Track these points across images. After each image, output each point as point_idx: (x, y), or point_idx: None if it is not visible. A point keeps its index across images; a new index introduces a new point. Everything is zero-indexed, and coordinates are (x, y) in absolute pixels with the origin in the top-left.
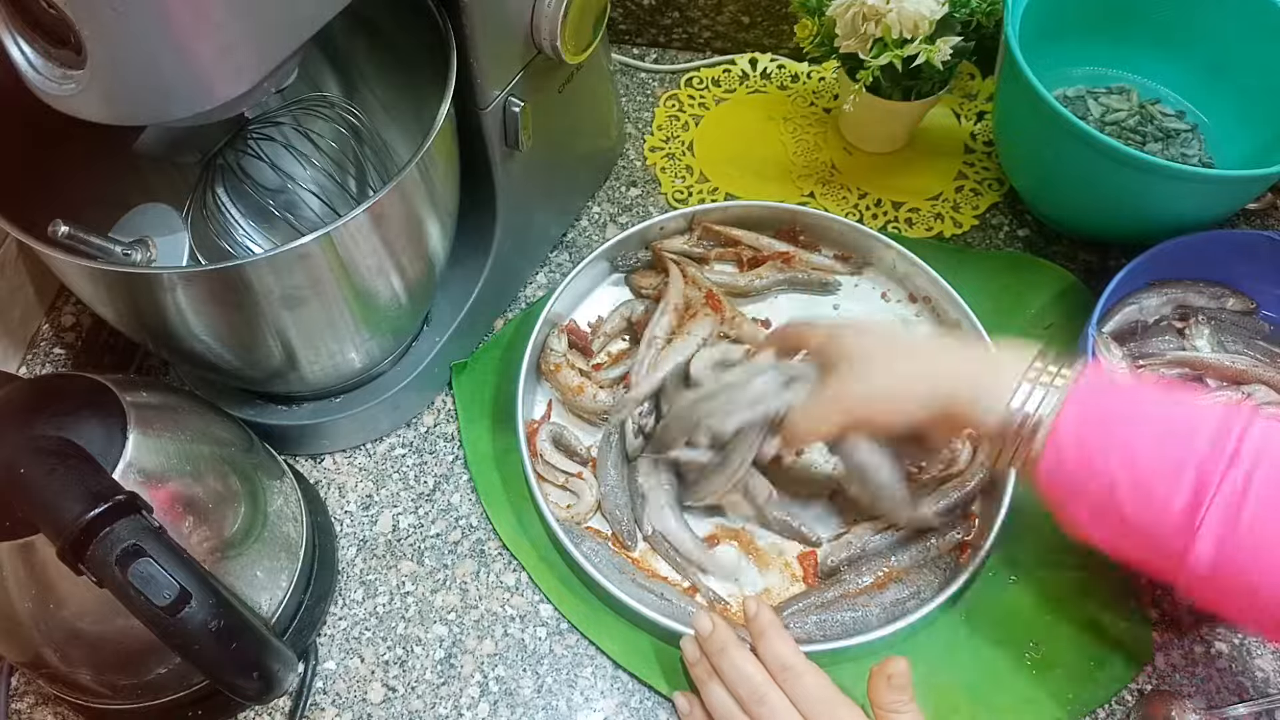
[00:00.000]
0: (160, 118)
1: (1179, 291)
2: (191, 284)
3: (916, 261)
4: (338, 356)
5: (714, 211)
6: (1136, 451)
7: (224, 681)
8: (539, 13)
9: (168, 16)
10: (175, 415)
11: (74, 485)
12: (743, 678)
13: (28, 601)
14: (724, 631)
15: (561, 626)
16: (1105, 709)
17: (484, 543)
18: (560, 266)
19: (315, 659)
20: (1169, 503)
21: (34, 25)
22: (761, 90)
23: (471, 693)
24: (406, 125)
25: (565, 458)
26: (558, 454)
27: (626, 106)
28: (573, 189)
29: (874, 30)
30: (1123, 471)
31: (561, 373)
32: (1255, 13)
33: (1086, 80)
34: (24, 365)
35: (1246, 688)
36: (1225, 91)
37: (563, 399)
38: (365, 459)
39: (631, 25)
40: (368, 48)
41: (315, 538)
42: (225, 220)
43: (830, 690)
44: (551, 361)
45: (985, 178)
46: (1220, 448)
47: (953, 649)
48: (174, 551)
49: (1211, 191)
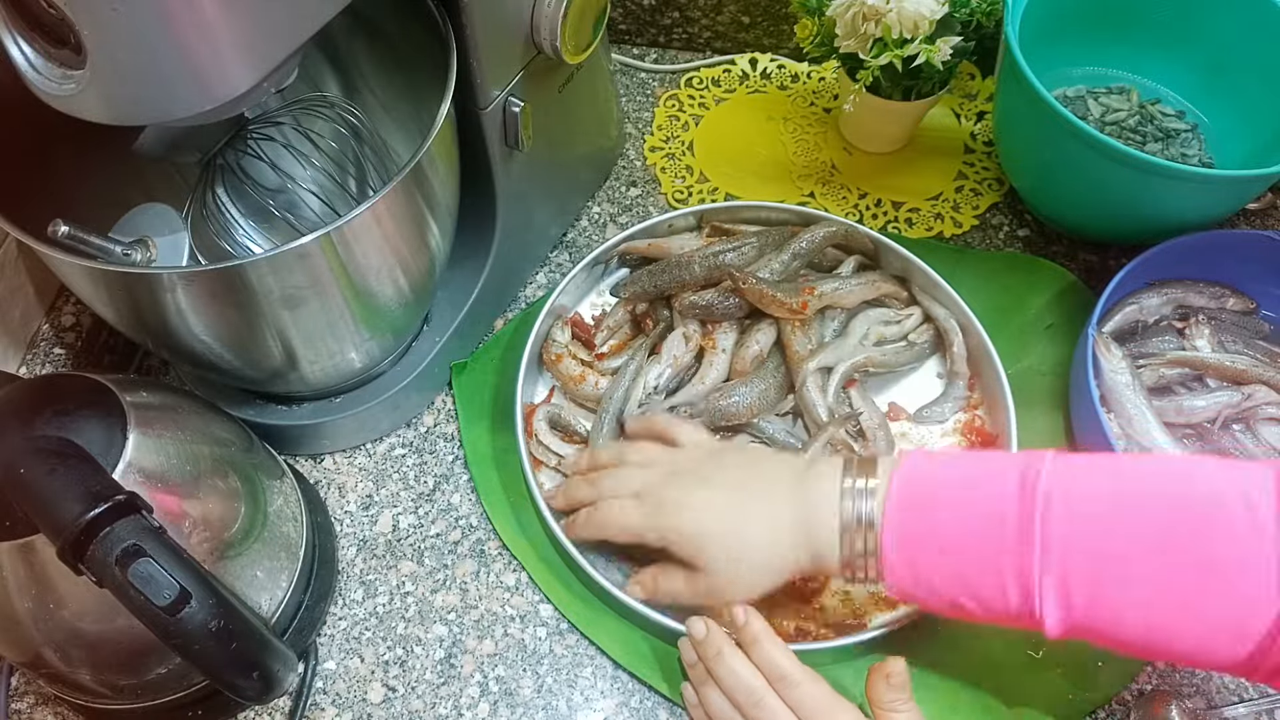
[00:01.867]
0: (160, 118)
1: (1179, 291)
2: (191, 284)
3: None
4: (338, 356)
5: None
6: (958, 566)
7: (224, 681)
8: (539, 13)
9: (168, 16)
10: (175, 415)
11: (74, 485)
12: (739, 683)
13: (28, 601)
14: (718, 636)
15: (561, 626)
16: (1105, 709)
17: (484, 543)
18: (560, 266)
19: (315, 659)
20: (1007, 607)
21: (34, 25)
22: (761, 90)
23: (471, 693)
24: (406, 125)
25: (561, 440)
26: (553, 435)
27: (626, 106)
28: (573, 189)
29: (874, 30)
30: (955, 588)
31: (563, 363)
32: (1255, 13)
33: (1086, 80)
34: (24, 365)
35: (1246, 688)
36: (1225, 91)
37: (564, 388)
38: (365, 459)
39: (631, 25)
40: (368, 48)
41: (315, 538)
42: (225, 220)
43: (828, 694)
44: (554, 352)
45: (985, 178)
46: (1025, 532)
47: (952, 648)
48: (174, 551)
49: (1211, 191)
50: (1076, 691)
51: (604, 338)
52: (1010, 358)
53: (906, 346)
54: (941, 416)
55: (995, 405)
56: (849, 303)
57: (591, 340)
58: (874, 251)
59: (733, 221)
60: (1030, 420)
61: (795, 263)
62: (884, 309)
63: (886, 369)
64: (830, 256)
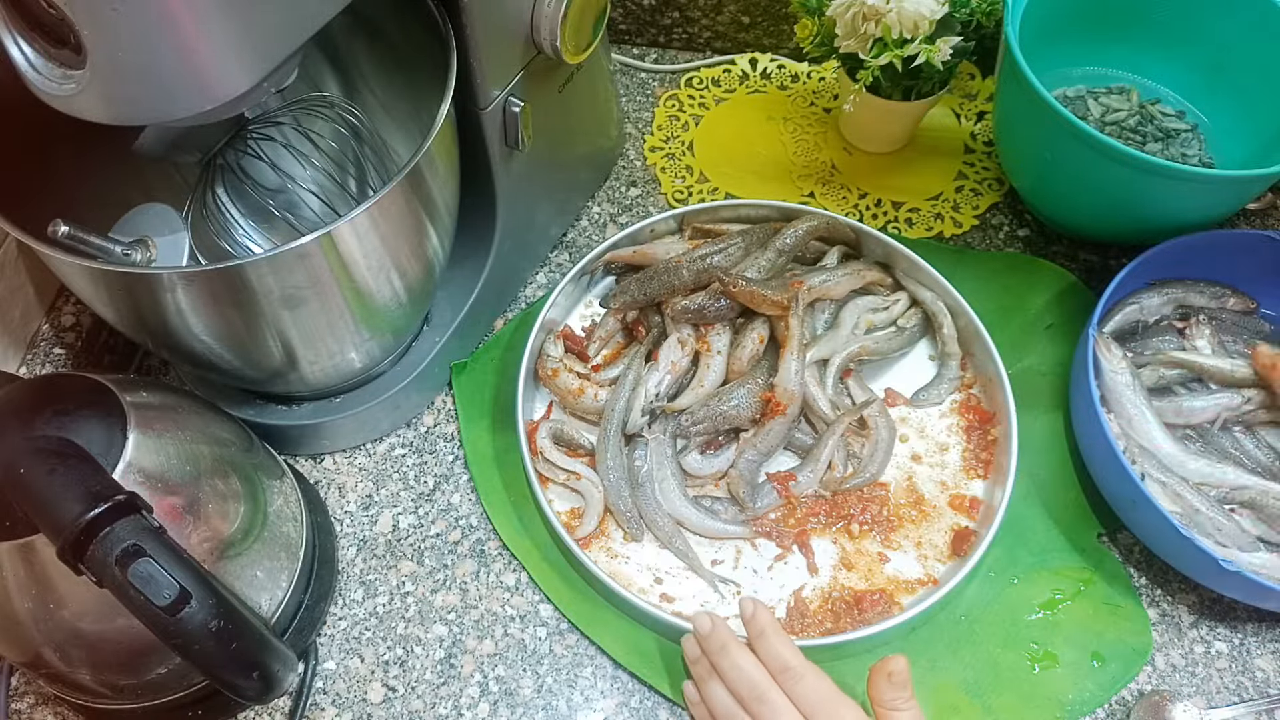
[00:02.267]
0: (160, 118)
1: (1179, 291)
2: (191, 284)
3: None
4: (338, 356)
5: (703, 213)
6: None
7: (224, 681)
8: (539, 13)
9: (168, 16)
10: (175, 415)
11: (74, 485)
12: (743, 677)
13: (28, 601)
14: (723, 631)
15: (561, 626)
16: (1105, 709)
17: (484, 543)
18: (560, 266)
19: (315, 659)
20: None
21: (34, 25)
22: (761, 90)
23: (471, 693)
24: (406, 125)
25: (566, 454)
26: (557, 451)
27: (626, 106)
28: (573, 189)
29: (874, 30)
30: None
31: (560, 377)
32: (1255, 13)
33: (1086, 80)
34: (24, 365)
35: (1246, 688)
36: (1225, 91)
37: (563, 402)
38: (365, 459)
39: (631, 25)
40: (368, 48)
41: (315, 538)
42: (225, 220)
43: (831, 689)
44: (549, 367)
45: (985, 178)
46: None
47: (953, 648)
48: (174, 551)
49: (1211, 191)
50: (1077, 691)
51: (597, 348)
52: (1010, 358)
53: (897, 332)
54: (938, 398)
55: (990, 383)
56: (837, 294)
57: (585, 352)
58: (856, 241)
59: (714, 222)
60: (1030, 420)
61: (781, 259)
62: (871, 297)
63: (879, 356)
64: (814, 249)
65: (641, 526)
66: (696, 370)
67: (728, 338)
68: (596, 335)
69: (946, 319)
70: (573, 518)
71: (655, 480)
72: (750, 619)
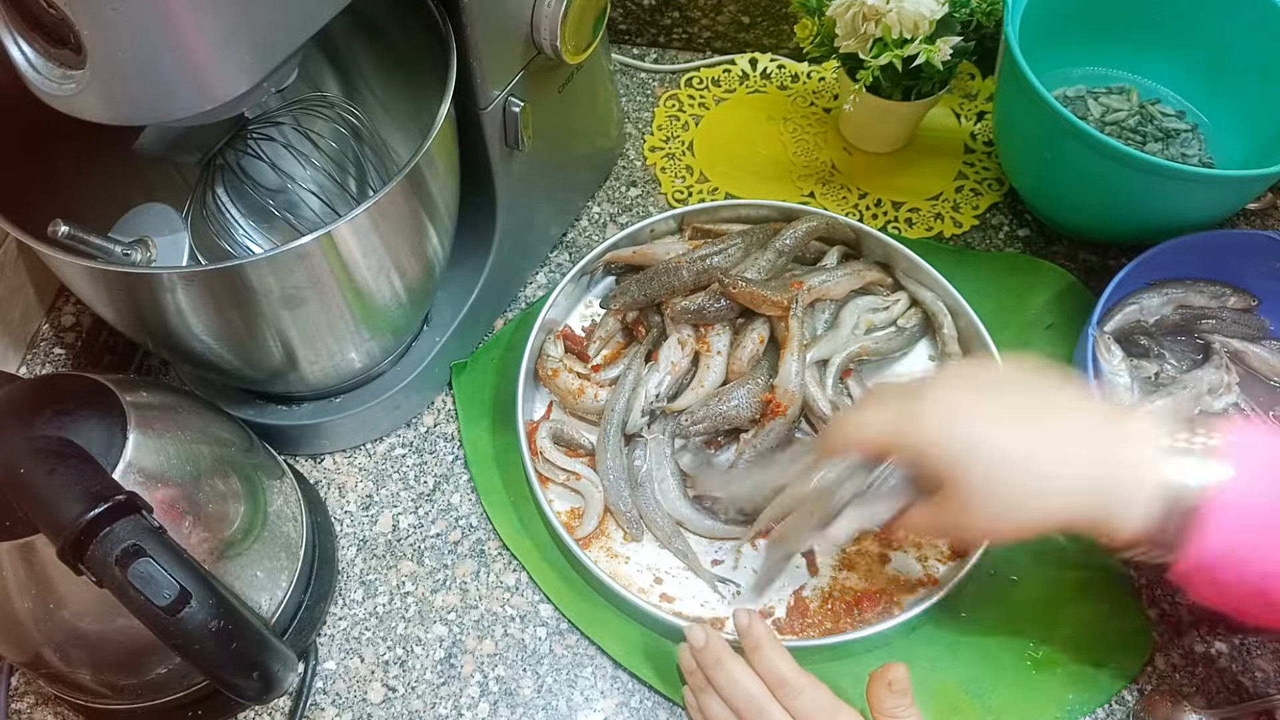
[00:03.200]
0: (160, 118)
1: (1179, 291)
2: (191, 284)
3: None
4: (338, 356)
5: (703, 213)
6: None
7: (224, 681)
8: (539, 13)
9: (167, 16)
10: (175, 415)
11: (74, 485)
12: (739, 692)
13: (28, 601)
14: (717, 644)
15: (561, 626)
16: (1105, 709)
17: (484, 543)
18: (560, 266)
19: (315, 659)
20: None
21: (34, 25)
22: (761, 90)
23: (471, 693)
24: (406, 125)
25: (566, 454)
26: (557, 451)
27: (626, 106)
28: (573, 189)
29: (874, 30)
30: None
31: (560, 377)
32: (1255, 13)
33: (1086, 80)
34: (24, 365)
35: (1246, 688)
36: (1225, 91)
37: (562, 402)
38: (365, 459)
39: (631, 25)
40: (368, 48)
41: (315, 538)
42: (225, 220)
43: (830, 700)
44: (549, 367)
45: (985, 178)
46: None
47: (953, 649)
48: (174, 551)
49: (1211, 191)
50: (1077, 691)
51: (597, 348)
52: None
53: (897, 332)
54: None
55: None
56: (837, 294)
57: (585, 352)
58: (856, 240)
59: (714, 222)
60: None
61: (781, 259)
62: (871, 297)
63: (879, 356)
64: (814, 249)
65: (641, 526)
66: (696, 370)
67: (728, 338)
68: (596, 335)
69: (947, 319)
70: (573, 518)
71: (655, 480)
72: (745, 631)
